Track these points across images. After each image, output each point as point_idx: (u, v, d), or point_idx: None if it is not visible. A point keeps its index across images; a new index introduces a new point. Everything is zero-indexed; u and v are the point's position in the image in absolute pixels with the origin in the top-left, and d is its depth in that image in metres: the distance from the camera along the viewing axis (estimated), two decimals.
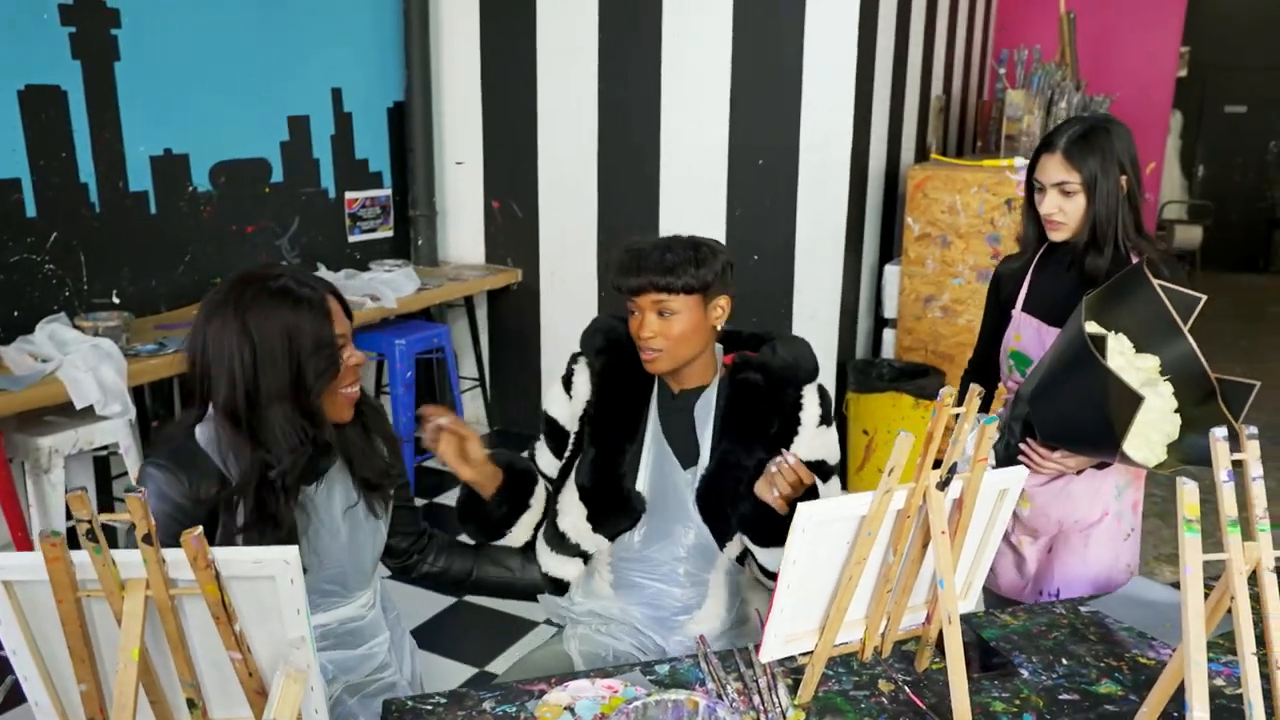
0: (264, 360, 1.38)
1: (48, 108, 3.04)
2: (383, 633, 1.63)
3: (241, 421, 1.39)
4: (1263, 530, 1.08)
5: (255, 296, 1.39)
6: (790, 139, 3.93)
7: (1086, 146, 1.80)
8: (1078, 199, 1.81)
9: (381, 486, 1.57)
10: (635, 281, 1.62)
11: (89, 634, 1.04)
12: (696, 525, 1.71)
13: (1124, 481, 1.94)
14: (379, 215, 4.42)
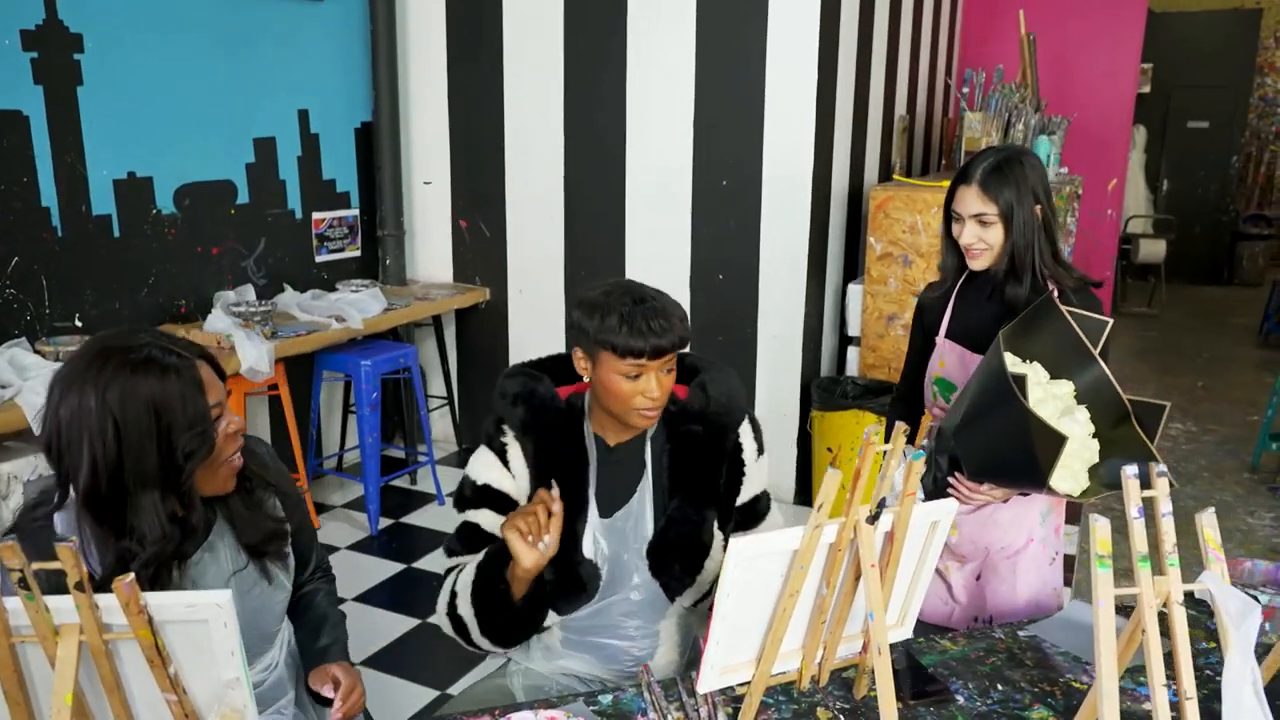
0: (129, 442, 1.25)
1: (9, 132, 3.04)
2: (287, 694, 1.56)
3: (105, 510, 1.27)
4: (1172, 565, 1.12)
5: (116, 370, 1.26)
6: (753, 160, 3.98)
7: (1001, 178, 1.84)
8: (996, 229, 1.86)
9: (267, 553, 1.47)
10: (656, 343, 1.52)
11: (24, 678, 1.05)
12: (645, 581, 1.70)
13: (1046, 507, 1.99)
14: (346, 235, 4.43)
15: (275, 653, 1.54)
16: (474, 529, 1.69)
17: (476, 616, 1.63)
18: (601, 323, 1.54)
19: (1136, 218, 9.03)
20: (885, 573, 1.37)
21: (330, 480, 4.32)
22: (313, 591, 1.68)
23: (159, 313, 3.59)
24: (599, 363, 1.58)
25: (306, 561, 1.65)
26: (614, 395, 1.59)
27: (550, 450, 1.67)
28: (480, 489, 1.70)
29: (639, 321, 1.52)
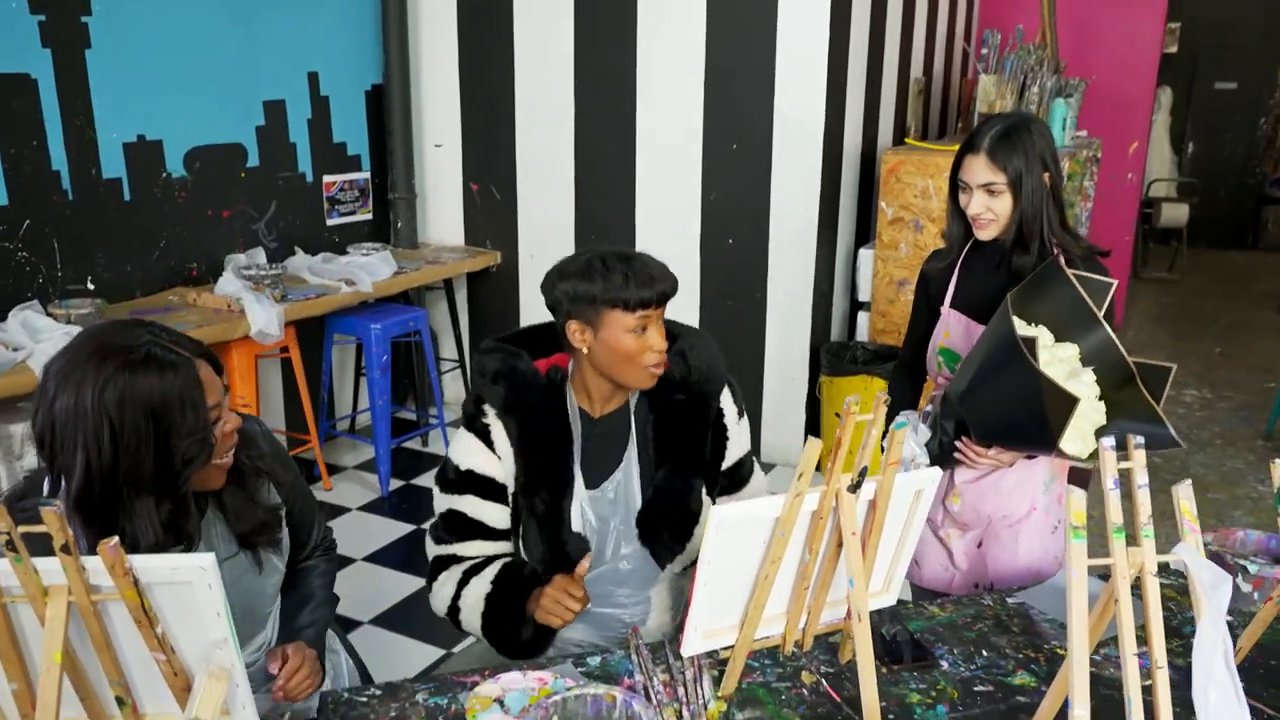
0: (125, 446, 1.21)
1: (17, 96, 3.05)
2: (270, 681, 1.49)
3: (96, 514, 1.23)
4: (1147, 536, 1.13)
5: (116, 369, 1.20)
6: (763, 123, 3.95)
7: (1009, 146, 1.82)
8: (1004, 198, 1.84)
9: (258, 542, 1.45)
10: (653, 292, 1.58)
11: (16, 637, 1.08)
12: (635, 549, 1.72)
13: (1049, 476, 1.98)
14: (358, 198, 4.44)
15: (267, 633, 1.55)
16: (460, 517, 1.71)
17: (485, 634, 1.68)
18: (605, 283, 1.56)
19: (1159, 181, 8.89)
20: (868, 540, 1.38)
21: (342, 442, 4.37)
22: (309, 569, 1.67)
23: (170, 275, 3.63)
24: (604, 325, 1.59)
25: (305, 541, 1.64)
26: (623, 355, 1.60)
27: (534, 427, 1.67)
28: (464, 475, 1.70)
29: (641, 273, 1.57)
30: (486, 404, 1.69)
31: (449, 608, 1.71)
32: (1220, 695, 1.07)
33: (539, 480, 1.69)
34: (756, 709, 1.41)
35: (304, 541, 1.64)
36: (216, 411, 1.30)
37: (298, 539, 1.61)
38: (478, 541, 1.72)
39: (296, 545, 1.62)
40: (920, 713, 1.40)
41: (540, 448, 1.67)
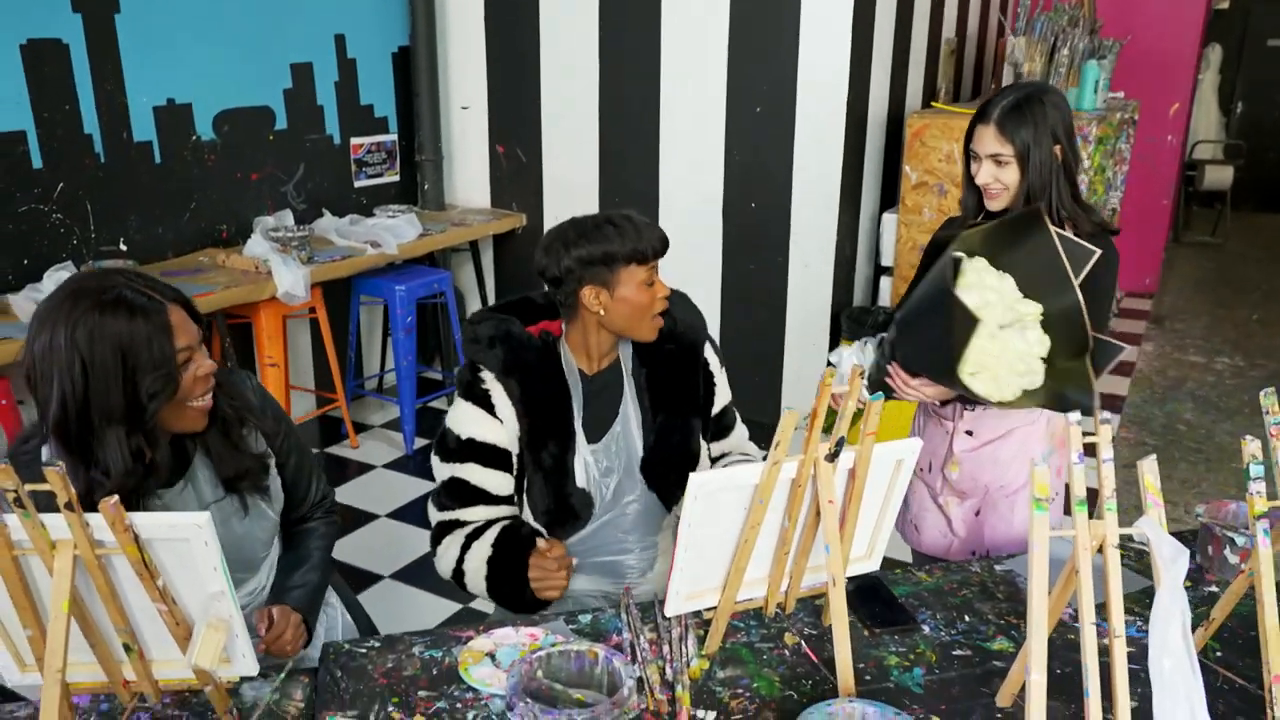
0: (96, 380, 1.29)
1: (50, 61, 3.13)
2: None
3: (72, 442, 1.32)
4: (1110, 510, 1.15)
5: (87, 310, 1.29)
6: (787, 85, 3.92)
7: (1019, 117, 1.82)
8: (1011, 169, 1.84)
9: (243, 486, 1.52)
10: (658, 239, 1.69)
11: (29, 586, 1.15)
12: (640, 494, 1.79)
13: (1048, 448, 2.00)
14: (385, 160, 4.49)
15: (260, 579, 1.62)
16: (462, 484, 1.76)
17: (491, 596, 1.74)
18: (621, 240, 1.64)
19: (1204, 143, 8.68)
20: (848, 508, 1.42)
21: (370, 401, 4.47)
22: (309, 531, 1.72)
23: (201, 237, 3.71)
24: (621, 283, 1.67)
25: (300, 494, 1.69)
26: (637, 308, 1.69)
27: (534, 386, 1.73)
28: (465, 444, 1.74)
29: (644, 226, 1.68)
30: (483, 369, 1.74)
31: (453, 571, 1.77)
32: (1174, 664, 1.09)
33: (544, 435, 1.75)
34: (737, 668, 1.46)
35: (301, 498, 1.70)
36: (186, 354, 1.37)
37: (294, 495, 1.68)
38: (480, 507, 1.78)
39: (294, 501, 1.68)
40: (897, 674, 1.44)
41: (543, 405, 1.73)
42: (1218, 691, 1.40)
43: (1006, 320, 1.70)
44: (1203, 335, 5.65)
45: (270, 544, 1.65)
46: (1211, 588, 1.67)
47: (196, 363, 1.39)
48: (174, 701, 1.37)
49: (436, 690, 1.40)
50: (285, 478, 1.65)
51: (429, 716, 1.35)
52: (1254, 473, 1.22)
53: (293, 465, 1.66)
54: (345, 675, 1.43)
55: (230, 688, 1.39)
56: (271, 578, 1.65)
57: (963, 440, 2.00)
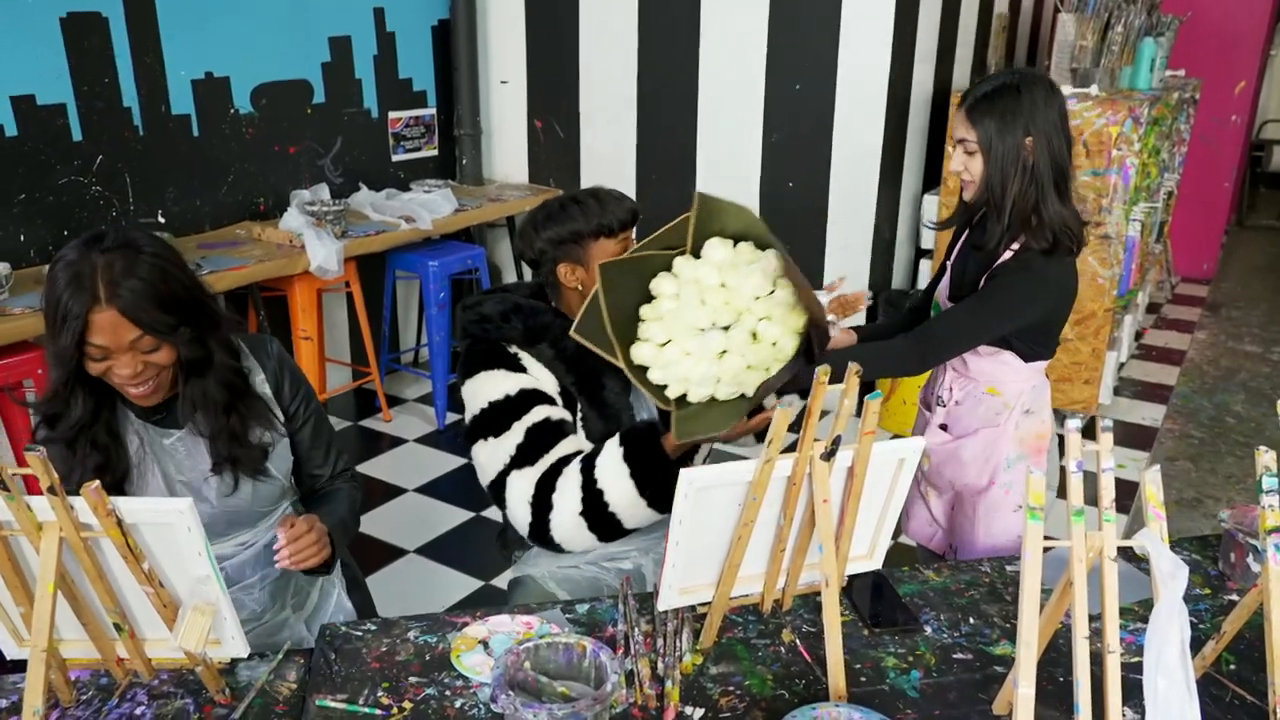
0: (46, 314, 1.40)
1: (89, 34, 3.17)
2: (247, 578, 1.65)
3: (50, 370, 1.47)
4: (1108, 520, 1.11)
5: (58, 262, 1.38)
6: (828, 61, 3.84)
7: (988, 106, 1.74)
8: (978, 159, 1.78)
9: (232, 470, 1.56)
10: (624, 210, 1.69)
11: (19, 565, 1.17)
12: None
13: (1016, 454, 1.94)
14: (423, 134, 4.50)
15: (250, 535, 1.65)
16: (540, 427, 1.66)
17: (644, 495, 1.61)
18: (585, 217, 1.67)
19: (1273, 122, 8.36)
20: (847, 507, 1.38)
21: (404, 376, 4.50)
22: (336, 490, 1.76)
23: (238, 210, 3.75)
24: (593, 257, 1.67)
25: (314, 464, 1.72)
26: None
27: (565, 341, 1.67)
28: (520, 395, 1.67)
29: (608, 199, 1.70)
30: (505, 343, 1.72)
31: (584, 501, 1.62)
32: (1168, 684, 1.05)
33: (598, 374, 1.70)
34: (731, 664, 1.44)
35: (316, 468, 1.73)
36: (102, 351, 1.39)
37: (308, 463, 1.71)
38: (570, 439, 1.69)
39: (307, 470, 1.72)
40: (894, 676, 1.42)
41: (582, 350, 1.64)
42: (1227, 707, 1.35)
43: (717, 318, 1.53)
44: (1260, 324, 5.47)
45: (277, 502, 1.68)
46: (1232, 596, 1.61)
47: (113, 361, 1.41)
48: (171, 678, 1.39)
49: (427, 676, 1.40)
50: (298, 445, 1.68)
51: (417, 703, 1.35)
52: (1266, 485, 1.17)
53: (307, 435, 1.69)
54: (339, 657, 1.44)
55: (225, 667, 1.40)
56: (267, 537, 1.67)
57: (935, 434, 1.97)
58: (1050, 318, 1.88)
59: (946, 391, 1.99)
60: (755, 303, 1.53)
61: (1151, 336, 5.34)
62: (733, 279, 1.54)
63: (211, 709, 1.34)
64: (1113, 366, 4.27)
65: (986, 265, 1.85)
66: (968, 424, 1.95)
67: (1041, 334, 1.89)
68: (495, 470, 1.69)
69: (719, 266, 1.55)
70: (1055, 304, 1.85)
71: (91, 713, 1.34)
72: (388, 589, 2.94)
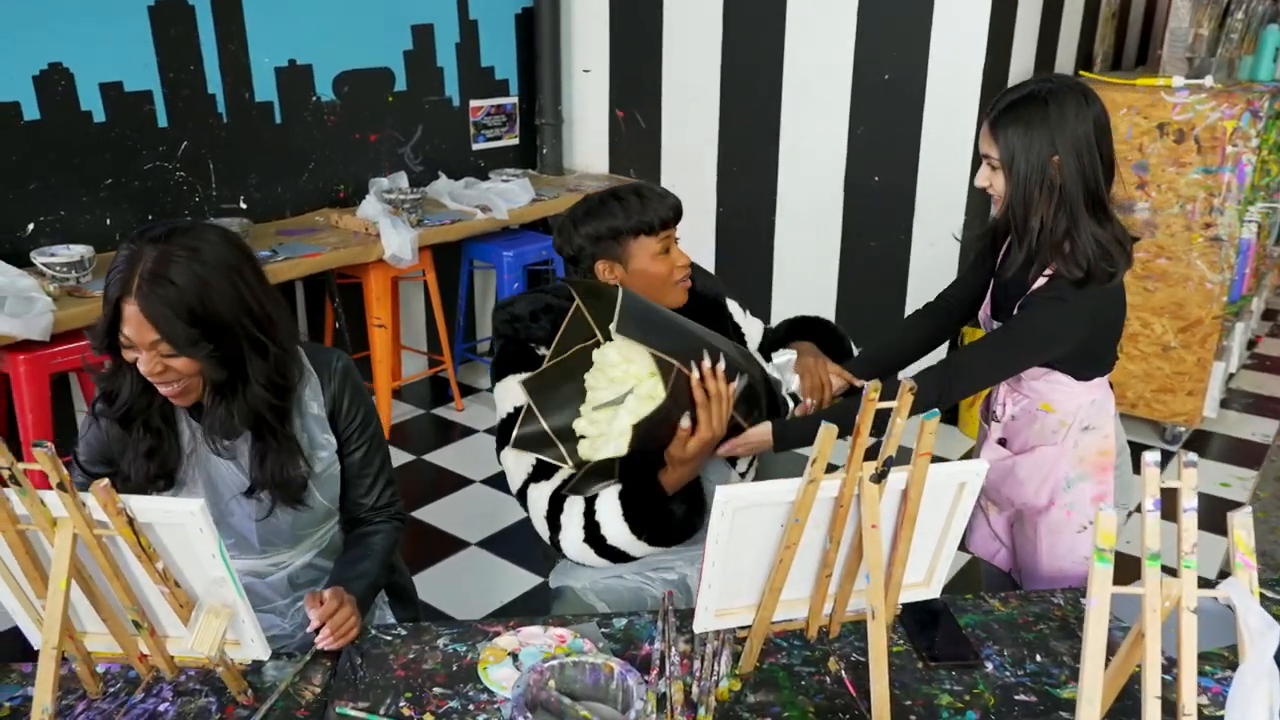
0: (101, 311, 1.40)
1: (176, 22, 3.22)
2: (279, 600, 1.62)
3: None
4: (1188, 567, 0.98)
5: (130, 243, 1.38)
6: (919, 50, 3.68)
7: (1013, 118, 1.59)
8: (1000, 176, 1.64)
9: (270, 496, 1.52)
10: (668, 208, 1.66)
11: (37, 559, 1.16)
12: None
13: (1076, 474, 1.79)
14: (504, 123, 4.48)
15: (288, 556, 1.62)
16: None
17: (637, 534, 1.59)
18: (625, 213, 1.64)
19: None
20: (900, 533, 1.28)
21: (478, 365, 4.50)
22: (372, 531, 1.66)
23: (318, 197, 3.78)
24: (633, 256, 1.66)
25: (361, 490, 1.64)
26: (655, 278, 1.68)
27: None
28: None
29: (651, 196, 1.66)
30: (531, 344, 1.69)
31: (586, 531, 1.60)
32: None
33: None
34: (771, 692, 1.35)
35: (362, 494, 1.64)
36: (128, 341, 1.37)
37: (355, 488, 1.63)
38: None
39: (354, 495, 1.63)
40: (947, 716, 1.31)
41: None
42: None
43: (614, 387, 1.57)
44: None
45: (319, 526, 1.63)
46: None
47: (142, 362, 1.39)
48: (197, 675, 1.37)
49: (452, 688, 1.35)
50: (348, 468, 1.61)
51: (438, 716, 1.30)
52: None
53: (357, 460, 1.61)
54: (366, 662, 1.40)
55: (252, 668, 1.38)
56: (303, 561, 1.64)
57: (993, 449, 1.84)
58: (1092, 345, 1.72)
59: (1001, 406, 1.86)
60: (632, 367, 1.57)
61: (1266, 345, 5.01)
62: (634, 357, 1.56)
63: (233, 709, 1.32)
64: (1220, 377, 4.00)
65: (1020, 290, 1.71)
66: (1024, 440, 1.82)
67: (1088, 358, 1.74)
68: (519, 481, 1.67)
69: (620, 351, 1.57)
70: (1095, 333, 1.69)
71: (116, 706, 1.33)
72: (446, 582, 2.92)
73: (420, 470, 3.60)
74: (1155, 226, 3.62)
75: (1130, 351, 3.79)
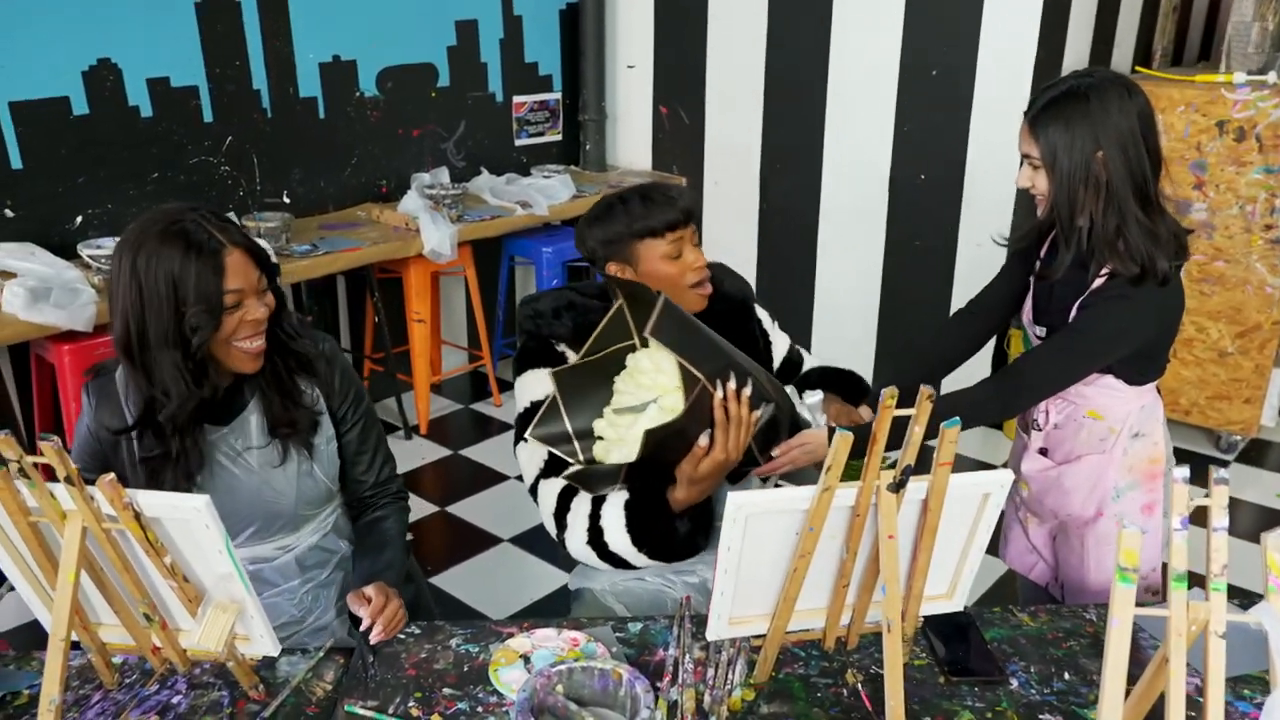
0: (149, 305, 1.37)
1: (222, 18, 3.26)
2: (288, 582, 1.63)
3: (135, 359, 1.41)
4: (1216, 590, 0.93)
5: (150, 240, 1.36)
6: (968, 44, 3.60)
7: (1053, 115, 1.54)
8: (1043, 175, 1.58)
9: (287, 435, 1.54)
10: (676, 211, 1.63)
11: (50, 550, 1.17)
12: None
13: (1125, 483, 1.73)
14: (547, 119, 4.47)
15: (293, 539, 1.62)
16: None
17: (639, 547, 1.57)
18: (629, 216, 1.62)
19: None
20: (921, 544, 1.24)
21: None
22: (383, 517, 1.69)
23: (361, 192, 3.81)
24: (641, 259, 1.65)
25: (360, 469, 1.67)
26: (664, 280, 1.64)
27: None
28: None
29: (659, 198, 1.63)
30: (552, 340, 1.68)
31: (589, 535, 1.59)
32: None
33: None
34: (785, 703, 1.32)
35: (361, 472, 1.67)
36: (237, 296, 1.41)
37: (354, 467, 1.66)
38: None
39: (353, 473, 1.66)
40: None
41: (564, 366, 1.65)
42: None
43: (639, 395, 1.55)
44: None
45: (321, 506, 1.64)
46: None
47: (246, 307, 1.43)
48: (211, 669, 1.38)
49: (461, 689, 1.34)
50: (345, 446, 1.64)
51: (446, 717, 1.29)
52: None
53: (355, 436, 1.64)
54: (377, 660, 1.40)
55: (263, 663, 1.38)
56: (310, 543, 1.64)
57: (1034, 459, 1.78)
58: (1153, 344, 1.67)
59: (1043, 415, 1.80)
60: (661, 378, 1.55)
61: None
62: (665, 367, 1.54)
63: (245, 704, 1.32)
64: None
65: (1076, 291, 1.65)
66: (1070, 449, 1.76)
67: (1145, 360, 1.69)
68: (530, 476, 1.66)
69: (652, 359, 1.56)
70: (1159, 331, 1.65)
71: (131, 697, 1.33)
72: (477, 577, 2.93)
73: (456, 465, 3.61)
74: (1213, 228, 3.50)
75: (1184, 356, 3.67)
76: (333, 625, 1.66)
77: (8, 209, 2.92)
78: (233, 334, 1.43)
